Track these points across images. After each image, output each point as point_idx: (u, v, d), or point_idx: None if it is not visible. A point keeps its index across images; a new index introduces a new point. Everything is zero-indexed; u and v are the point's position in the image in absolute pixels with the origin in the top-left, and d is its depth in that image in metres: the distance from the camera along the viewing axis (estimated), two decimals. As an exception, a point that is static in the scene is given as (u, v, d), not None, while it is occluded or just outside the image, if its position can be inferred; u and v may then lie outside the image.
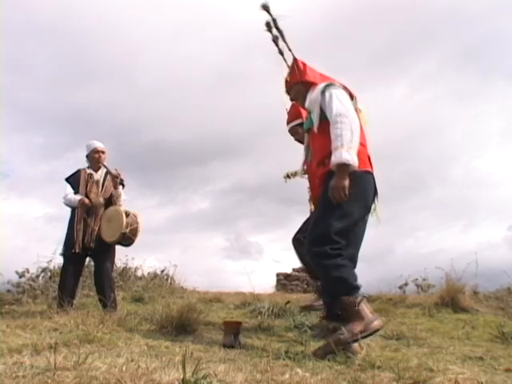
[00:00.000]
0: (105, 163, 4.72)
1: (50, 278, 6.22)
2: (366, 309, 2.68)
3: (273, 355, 2.35)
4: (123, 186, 4.77)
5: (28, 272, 6.12)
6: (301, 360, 2.42)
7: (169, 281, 7.83)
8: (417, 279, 7.20)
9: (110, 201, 4.67)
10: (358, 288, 2.75)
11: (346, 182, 2.73)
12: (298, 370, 2.06)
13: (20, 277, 6.02)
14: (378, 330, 2.68)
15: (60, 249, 4.77)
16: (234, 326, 3.10)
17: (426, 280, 7.08)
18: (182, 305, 3.58)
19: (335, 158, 2.74)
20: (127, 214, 4.45)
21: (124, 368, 1.91)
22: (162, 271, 7.97)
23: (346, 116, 2.82)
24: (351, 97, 3.10)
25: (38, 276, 6.20)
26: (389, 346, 3.15)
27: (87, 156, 4.79)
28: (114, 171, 4.61)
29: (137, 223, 4.48)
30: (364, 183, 2.89)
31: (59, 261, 5.83)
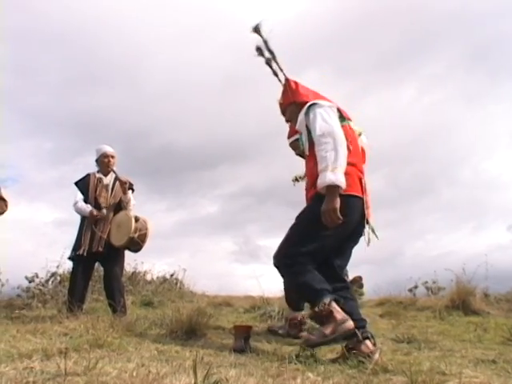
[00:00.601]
0: (114, 168, 4.74)
1: (60, 282, 6.23)
2: (335, 311, 2.60)
3: (284, 359, 2.34)
4: (133, 190, 4.79)
5: (37, 277, 6.13)
6: (312, 364, 2.40)
7: (178, 285, 7.84)
8: (427, 282, 7.17)
9: (120, 206, 4.69)
10: (323, 290, 2.66)
11: (337, 204, 2.64)
12: (310, 375, 2.05)
13: (30, 282, 6.03)
14: (349, 331, 2.55)
15: (67, 253, 4.80)
16: (244, 330, 3.09)
17: (436, 283, 7.05)
18: (191, 309, 3.58)
19: (320, 181, 2.67)
20: (137, 219, 4.46)
21: (134, 373, 1.91)
22: (172, 275, 7.99)
23: (329, 135, 2.73)
24: (345, 117, 3.04)
25: (47, 281, 6.21)
26: (400, 349, 3.13)
27: (97, 160, 4.81)
28: (122, 177, 4.63)
29: (146, 229, 4.48)
30: (345, 207, 2.71)
31: (68, 265, 5.85)
